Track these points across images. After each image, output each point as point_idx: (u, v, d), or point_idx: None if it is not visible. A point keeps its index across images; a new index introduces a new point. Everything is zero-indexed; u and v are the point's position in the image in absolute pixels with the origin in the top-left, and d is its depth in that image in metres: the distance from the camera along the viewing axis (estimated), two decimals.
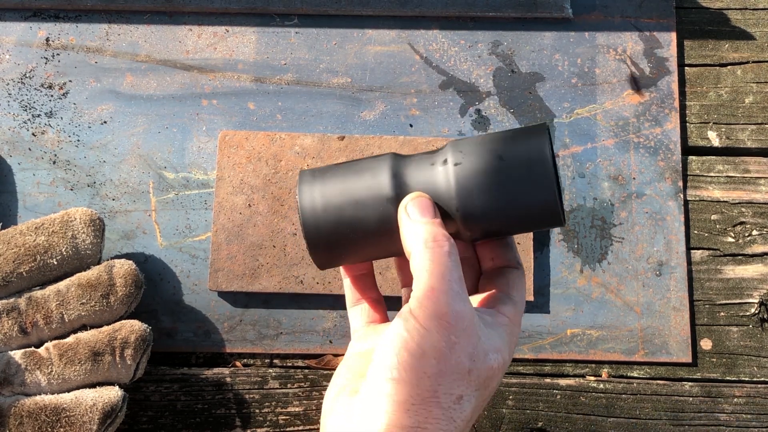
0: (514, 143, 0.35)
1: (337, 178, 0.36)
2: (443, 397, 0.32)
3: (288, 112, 0.58)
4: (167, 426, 0.53)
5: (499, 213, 0.35)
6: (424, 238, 0.34)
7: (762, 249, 0.56)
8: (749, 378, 0.54)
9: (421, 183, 0.36)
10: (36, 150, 0.56)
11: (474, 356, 0.33)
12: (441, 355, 0.32)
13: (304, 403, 0.53)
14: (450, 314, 0.32)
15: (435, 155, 0.36)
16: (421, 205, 0.35)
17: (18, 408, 0.46)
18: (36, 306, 0.48)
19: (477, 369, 0.33)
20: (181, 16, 0.59)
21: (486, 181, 0.35)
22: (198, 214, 0.56)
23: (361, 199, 0.35)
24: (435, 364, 0.32)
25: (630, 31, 0.59)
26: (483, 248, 0.40)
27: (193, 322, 0.54)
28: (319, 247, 0.36)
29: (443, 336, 0.32)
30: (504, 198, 0.35)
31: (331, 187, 0.36)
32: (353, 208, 0.35)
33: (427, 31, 0.59)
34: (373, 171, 0.36)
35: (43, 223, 0.50)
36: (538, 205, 0.35)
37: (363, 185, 0.36)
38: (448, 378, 0.32)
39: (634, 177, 0.56)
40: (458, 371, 0.32)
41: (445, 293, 0.32)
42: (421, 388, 0.32)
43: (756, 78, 0.59)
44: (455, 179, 0.35)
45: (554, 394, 0.53)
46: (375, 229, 0.36)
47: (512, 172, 0.34)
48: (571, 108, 0.58)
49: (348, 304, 0.41)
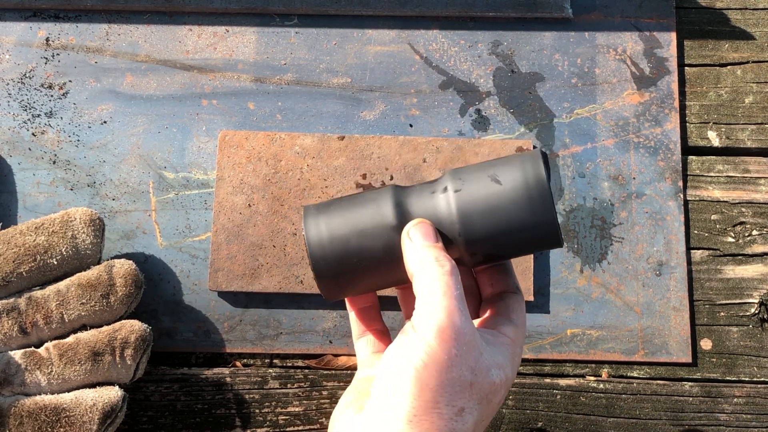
0: (511, 168, 0.37)
1: (341, 211, 0.37)
2: (445, 408, 0.33)
3: (288, 112, 0.58)
4: (167, 426, 0.53)
5: (500, 236, 0.36)
6: (425, 260, 0.35)
7: (762, 249, 0.56)
8: (749, 378, 0.54)
9: (422, 210, 0.37)
10: (36, 150, 0.56)
11: (476, 370, 0.34)
12: (442, 368, 0.33)
13: (304, 403, 0.53)
14: (451, 327, 0.33)
15: (435, 184, 0.38)
16: (423, 230, 0.36)
17: (18, 408, 0.46)
18: (36, 306, 0.48)
19: (479, 383, 0.34)
20: (181, 16, 0.59)
21: (486, 205, 0.36)
22: (198, 214, 0.56)
23: (366, 229, 0.37)
24: (436, 375, 0.33)
25: (630, 31, 0.59)
26: (482, 275, 0.41)
27: (193, 322, 0.54)
28: (326, 277, 0.37)
29: (444, 349, 0.33)
30: (504, 221, 0.36)
31: (336, 219, 0.37)
32: (358, 238, 0.37)
33: (427, 31, 0.59)
34: (376, 202, 0.37)
35: (43, 223, 0.50)
36: (537, 227, 0.36)
37: (367, 215, 0.37)
38: (450, 390, 0.33)
39: (634, 177, 0.56)
40: (460, 384, 0.33)
41: (446, 308, 0.33)
42: (423, 399, 0.32)
43: (756, 78, 0.59)
44: (456, 205, 0.36)
45: (554, 394, 0.53)
46: (380, 258, 0.37)
47: (511, 195, 0.36)
48: (571, 108, 0.58)
49: (354, 337, 0.42)
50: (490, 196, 0.36)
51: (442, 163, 0.55)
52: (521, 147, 0.55)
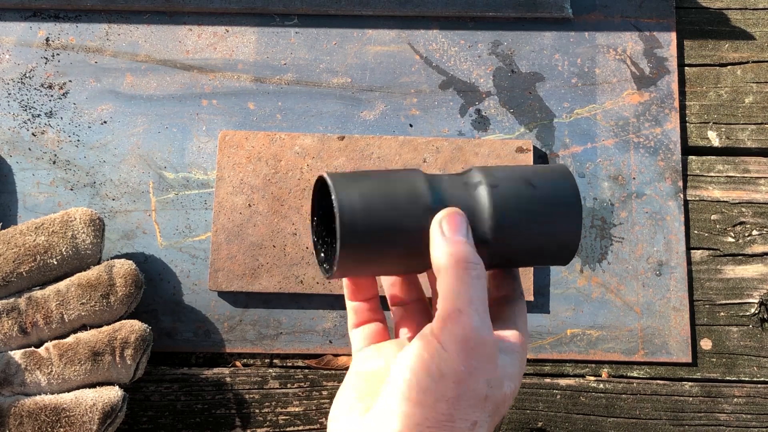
0: (543, 175, 0.36)
1: (372, 182, 0.35)
2: (459, 422, 0.31)
3: (288, 112, 0.58)
4: (167, 426, 0.53)
5: (529, 240, 0.35)
6: (456, 258, 0.33)
7: (762, 249, 0.56)
8: (749, 378, 0.54)
9: (455, 199, 0.35)
10: (36, 150, 0.56)
11: (492, 383, 0.32)
12: (460, 380, 0.31)
13: (304, 403, 0.53)
14: (474, 339, 0.32)
15: (465, 176, 0.36)
16: (457, 223, 0.34)
17: (18, 408, 0.46)
18: (36, 306, 0.48)
19: (493, 396, 0.33)
20: (181, 16, 0.59)
21: (523, 206, 0.35)
22: (198, 214, 0.56)
23: (400, 205, 0.35)
24: (453, 387, 0.31)
25: (630, 31, 0.59)
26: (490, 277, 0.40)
27: (193, 322, 0.54)
28: (351, 248, 0.34)
29: (464, 360, 0.31)
30: (536, 223, 0.35)
31: (368, 189, 0.35)
32: (392, 212, 0.34)
33: (427, 31, 0.59)
34: (409, 181, 0.35)
35: (43, 223, 0.50)
36: (564, 234, 0.36)
37: (402, 191, 0.35)
38: (465, 403, 0.32)
39: (634, 177, 0.56)
40: (476, 397, 0.32)
41: (470, 317, 0.32)
42: (437, 411, 0.31)
43: (756, 78, 0.59)
44: (492, 200, 0.35)
45: (554, 394, 0.53)
46: (410, 236, 0.35)
47: (545, 200, 0.35)
48: (571, 108, 0.58)
49: (350, 326, 0.40)
50: (527, 198, 0.35)
51: (442, 163, 0.55)
52: (521, 147, 0.55)
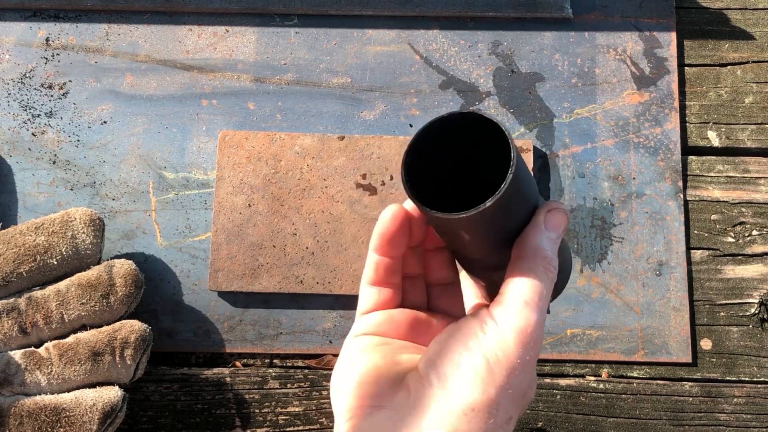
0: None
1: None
2: (500, 414, 0.31)
3: (288, 112, 0.58)
4: (167, 426, 0.53)
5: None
6: (546, 254, 0.33)
7: (762, 249, 0.56)
8: (749, 378, 0.54)
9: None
10: (36, 150, 0.56)
11: (531, 382, 0.32)
12: (513, 369, 0.31)
13: (304, 403, 0.53)
14: (532, 335, 0.31)
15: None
16: (561, 221, 0.34)
17: (18, 408, 0.46)
18: (36, 306, 0.48)
19: (528, 396, 0.32)
20: (181, 16, 0.59)
21: None
22: (198, 214, 0.56)
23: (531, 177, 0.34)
24: (505, 375, 0.31)
25: (630, 31, 0.59)
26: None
27: (193, 322, 0.54)
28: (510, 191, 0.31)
29: (519, 352, 0.31)
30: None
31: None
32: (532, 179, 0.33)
33: (427, 31, 0.59)
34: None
35: (43, 223, 0.50)
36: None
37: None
38: (509, 395, 0.31)
39: (634, 177, 0.56)
40: (518, 392, 0.31)
41: (537, 312, 0.32)
42: (487, 395, 0.31)
43: (756, 78, 0.59)
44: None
45: (554, 394, 0.53)
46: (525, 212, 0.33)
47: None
48: (571, 108, 0.58)
49: (368, 280, 0.35)
50: None
51: None
52: (521, 147, 0.55)
